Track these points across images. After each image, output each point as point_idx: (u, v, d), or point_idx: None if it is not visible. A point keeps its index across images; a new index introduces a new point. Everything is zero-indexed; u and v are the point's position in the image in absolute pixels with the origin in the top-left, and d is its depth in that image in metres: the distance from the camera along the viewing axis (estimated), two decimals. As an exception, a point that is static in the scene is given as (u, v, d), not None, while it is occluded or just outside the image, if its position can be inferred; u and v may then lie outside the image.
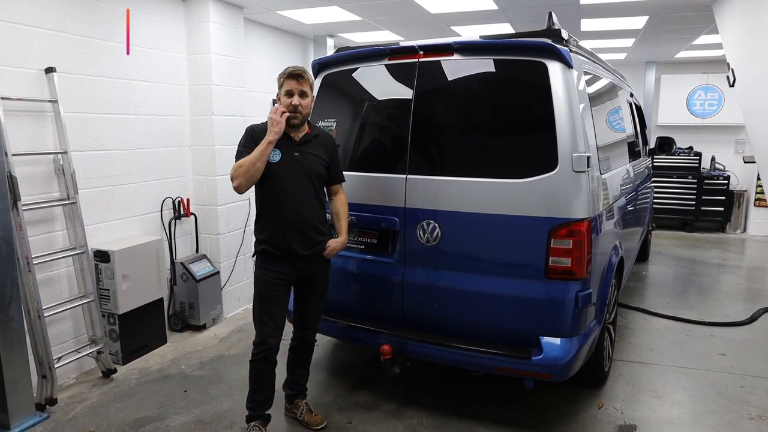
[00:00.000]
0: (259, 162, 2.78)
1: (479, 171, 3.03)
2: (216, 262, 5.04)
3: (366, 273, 3.39)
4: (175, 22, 4.73)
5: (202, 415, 3.39)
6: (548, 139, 2.85)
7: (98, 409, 3.48)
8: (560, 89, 2.85)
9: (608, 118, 3.95)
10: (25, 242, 3.33)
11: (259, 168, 2.79)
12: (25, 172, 3.49)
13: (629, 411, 3.41)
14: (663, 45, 7.65)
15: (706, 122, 9.25)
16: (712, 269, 6.85)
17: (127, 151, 4.32)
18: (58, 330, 3.80)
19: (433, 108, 3.28)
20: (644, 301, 5.51)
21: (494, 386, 3.68)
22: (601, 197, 3.17)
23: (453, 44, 3.12)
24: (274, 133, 2.78)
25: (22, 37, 3.46)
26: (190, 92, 4.90)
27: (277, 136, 2.80)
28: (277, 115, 2.80)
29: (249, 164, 2.78)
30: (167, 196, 4.72)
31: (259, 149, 2.78)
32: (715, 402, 3.52)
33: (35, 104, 3.57)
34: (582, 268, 2.87)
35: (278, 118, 2.80)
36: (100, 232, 4.09)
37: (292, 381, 3.31)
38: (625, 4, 5.14)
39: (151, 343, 4.39)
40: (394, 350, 3.16)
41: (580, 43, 3.46)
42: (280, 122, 2.80)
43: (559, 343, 2.88)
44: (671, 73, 9.47)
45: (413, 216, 3.17)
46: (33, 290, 3.37)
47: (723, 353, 4.27)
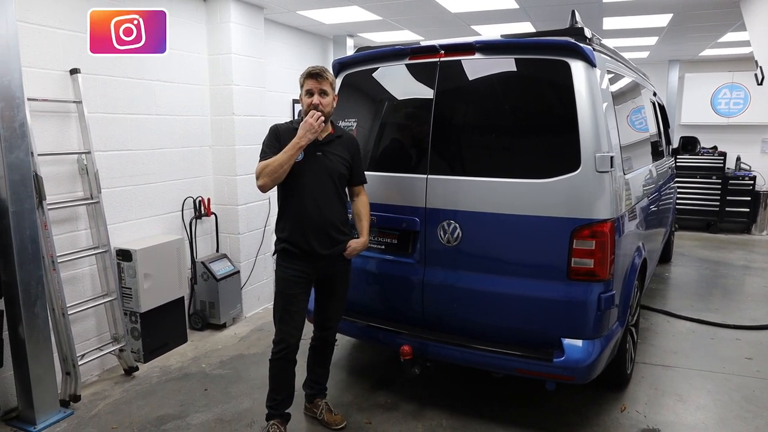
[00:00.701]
0: (287, 164, 2.78)
1: (501, 171, 3.00)
2: (236, 261, 5.07)
3: (386, 273, 3.38)
4: (197, 23, 4.77)
5: (223, 414, 3.41)
6: (571, 138, 2.81)
7: (120, 406, 3.52)
8: (583, 88, 2.81)
9: (631, 117, 3.89)
10: (50, 241, 3.38)
11: (286, 170, 2.79)
12: (50, 172, 3.55)
13: (652, 415, 3.35)
14: (687, 43, 7.52)
15: (731, 121, 9.07)
16: (736, 271, 6.71)
17: (149, 151, 4.36)
18: (82, 328, 3.85)
19: (455, 108, 3.26)
20: (667, 303, 5.41)
21: (515, 388, 3.65)
22: (624, 198, 3.12)
23: (474, 43, 3.10)
24: (308, 138, 2.78)
25: (47, 39, 3.52)
26: (211, 92, 4.94)
27: (309, 141, 2.80)
28: (314, 120, 2.79)
29: (277, 165, 2.78)
30: (188, 196, 4.77)
31: (288, 152, 2.77)
32: (741, 407, 3.44)
33: (60, 105, 3.63)
34: (605, 270, 2.83)
35: (315, 124, 2.78)
36: (122, 232, 4.15)
37: (311, 380, 3.32)
38: (649, 1, 5.06)
39: (172, 342, 4.43)
40: (414, 351, 3.14)
41: (602, 41, 3.42)
42: (316, 129, 2.79)
43: (581, 345, 2.85)
44: (695, 72, 9.31)
45: (434, 216, 3.15)
46: (57, 288, 3.42)
47: (749, 357, 4.17)
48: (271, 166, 2.79)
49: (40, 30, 3.46)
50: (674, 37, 6.94)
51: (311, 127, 2.77)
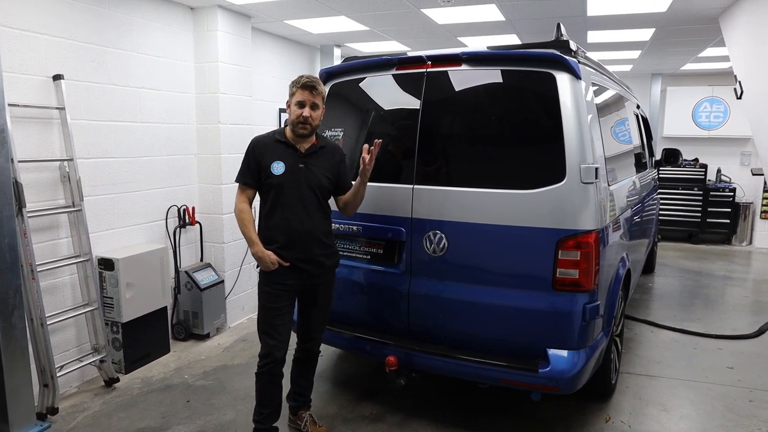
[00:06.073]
0: (247, 238, 2.92)
1: (487, 182, 3.01)
2: (220, 270, 5.03)
3: (372, 283, 3.36)
4: (184, 31, 4.75)
5: (205, 426, 3.36)
6: (556, 150, 2.83)
7: (100, 418, 3.45)
8: (568, 100, 2.84)
9: (615, 129, 3.94)
10: (30, 249, 3.32)
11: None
12: (31, 179, 3.49)
13: (637, 425, 3.36)
14: (669, 57, 7.65)
15: (711, 134, 9.23)
16: (718, 281, 6.80)
17: (133, 159, 4.32)
18: (61, 338, 3.78)
19: (441, 118, 3.27)
20: (651, 313, 5.46)
21: (501, 399, 3.64)
22: (609, 209, 3.15)
23: (461, 54, 3.12)
24: (263, 265, 2.89)
25: (30, 44, 3.47)
26: (197, 101, 4.91)
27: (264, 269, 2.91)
28: (270, 263, 2.86)
29: (242, 229, 2.93)
30: (172, 204, 4.72)
31: (250, 242, 2.89)
32: (723, 416, 3.47)
33: (42, 111, 3.58)
34: (590, 280, 2.84)
35: (270, 266, 2.87)
36: (104, 240, 4.09)
37: (295, 392, 3.28)
38: (632, 16, 5.15)
39: (155, 353, 4.36)
40: (399, 361, 3.13)
41: (587, 54, 3.46)
42: (269, 268, 2.87)
43: (566, 355, 2.85)
44: (677, 85, 9.47)
45: (420, 226, 3.15)
46: (36, 298, 3.36)
47: (731, 366, 4.22)
48: (240, 223, 2.93)
49: (22, 35, 3.42)
50: (657, 51, 7.06)
51: (266, 267, 2.88)
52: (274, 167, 2.85)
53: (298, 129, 2.87)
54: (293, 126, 2.89)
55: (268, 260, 2.85)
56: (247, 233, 2.90)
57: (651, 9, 4.87)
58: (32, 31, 3.48)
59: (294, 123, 2.87)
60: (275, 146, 2.91)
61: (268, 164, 2.87)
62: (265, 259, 2.85)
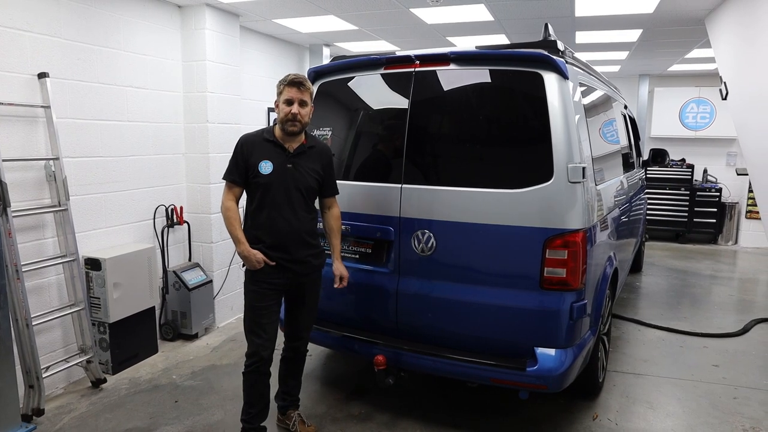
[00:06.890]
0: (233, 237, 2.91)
1: (475, 181, 3.02)
2: (209, 270, 5.00)
3: (360, 283, 3.36)
4: (171, 29, 4.72)
5: (194, 426, 3.34)
6: (544, 149, 2.85)
7: (87, 419, 3.42)
8: (556, 100, 2.85)
9: (603, 129, 3.96)
10: (14, 249, 3.28)
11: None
12: (16, 178, 3.46)
13: (624, 422, 3.39)
14: (656, 58, 7.72)
15: (698, 135, 9.32)
16: (704, 280, 6.87)
17: (120, 158, 4.29)
18: (47, 339, 3.74)
19: (429, 118, 3.28)
20: (638, 312, 5.51)
21: (489, 397, 3.66)
22: (596, 208, 3.17)
23: (449, 54, 3.12)
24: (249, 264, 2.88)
25: (14, 41, 3.43)
26: (185, 99, 4.88)
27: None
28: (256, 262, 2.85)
29: (229, 228, 2.91)
30: (160, 204, 4.69)
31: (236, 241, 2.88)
32: (708, 413, 3.51)
33: (27, 109, 3.54)
34: (577, 279, 2.86)
35: (256, 265, 2.86)
36: (91, 240, 4.05)
37: (284, 392, 3.27)
38: (620, 17, 5.18)
39: (142, 353, 4.33)
40: (388, 361, 3.13)
41: (575, 54, 3.48)
42: (255, 267, 2.87)
43: (554, 354, 2.87)
44: (664, 86, 9.56)
45: (408, 226, 3.15)
46: (21, 298, 3.32)
47: (716, 364, 4.26)
48: (227, 225, 2.92)
49: (7, 32, 3.38)
50: (644, 51, 7.12)
51: (252, 266, 2.87)
52: (262, 166, 2.84)
53: (288, 127, 2.86)
54: (283, 124, 2.88)
55: (254, 259, 2.84)
56: (234, 232, 2.89)
57: (638, 10, 4.92)
58: (17, 28, 3.44)
59: (283, 121, 2.86)
60: (264, 145, 2.90)
61: (255, 163, 2.86)
62: (251, 258, 2.84)
